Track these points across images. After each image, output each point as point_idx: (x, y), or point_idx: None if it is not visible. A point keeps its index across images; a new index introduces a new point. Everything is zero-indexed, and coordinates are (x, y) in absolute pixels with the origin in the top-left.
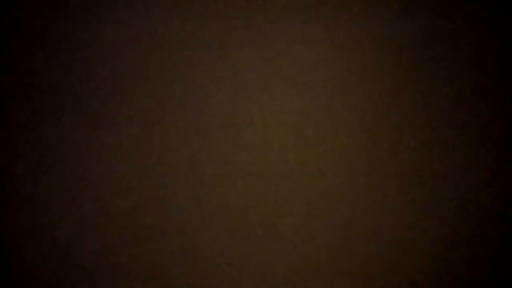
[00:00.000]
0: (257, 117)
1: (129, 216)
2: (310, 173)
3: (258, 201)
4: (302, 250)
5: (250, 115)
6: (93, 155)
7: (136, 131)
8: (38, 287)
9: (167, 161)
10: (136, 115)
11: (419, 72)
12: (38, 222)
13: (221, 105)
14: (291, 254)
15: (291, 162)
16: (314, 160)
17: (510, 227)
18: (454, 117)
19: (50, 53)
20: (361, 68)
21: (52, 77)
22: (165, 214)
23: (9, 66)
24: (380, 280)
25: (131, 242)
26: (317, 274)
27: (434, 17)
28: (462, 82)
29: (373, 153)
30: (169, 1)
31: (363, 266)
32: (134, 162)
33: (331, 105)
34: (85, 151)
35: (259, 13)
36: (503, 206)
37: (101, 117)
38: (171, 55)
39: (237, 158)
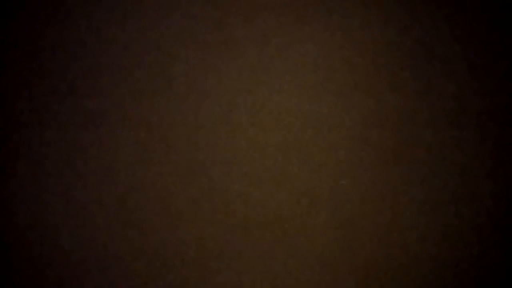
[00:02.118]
0: (257, 117)
1: (130, 215)
2: (310, 173)
3: (259, 201)
4: (303, 250)
5: (250, 115)
6: (93, 155)
7: (136, 131)
8: (38, 287)
9: (168, 161)
10: (136, 115)
11: (419, 72)
12: (38, 222)
13: (221, 105)
14: (292, 254)
15: (291, 162)
16: (314, 160)
17: (510, 227)
18: (454, 117)
19: (50, 53)
20: (361, 68)
21: (52, 77)
22: (165, 213)
23: (9, 66)
24: (380, 280)
25: (132, 242)
26: (317, 274)
27: (433, 17)
28: (462, 82)
29: (373, 153)
30: (169, 2)
31: (363, 266)
32: (134, 162)
33: (331, 105)
34: (85, 151)
35: (259, 13)
36: (503, 205)
37: (101, 117)
38: (171, 55)
39: (237, 158)
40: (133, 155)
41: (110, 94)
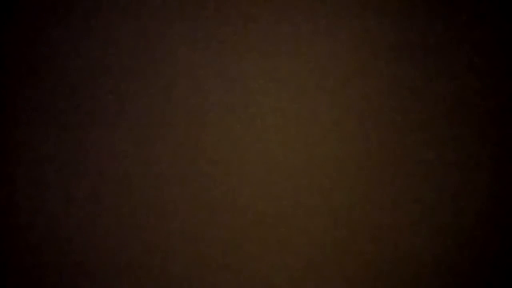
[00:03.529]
0: (257, 117)
1: (129, 216)
2: (310, 173)
3: (258, 200)
4: (303, 250)
5: (250, 116)
6: (93, 155)
7: (136, 131)
8: (38, 287)
9: (168, 161)
10: (136, 115)
11: (419, 72)
12: (38, 222)
13: (221, 105)
14: (292, 254)
15: (291, 162)
16: (314, 160)
17: (510, 227)
18: (454, 117)
19: (50, 53)
20: (361, 68)
21: (52, 77)
22: (165, 213)
23: (9, 66)
24: (380, 279)
25: (132, 242)
26: (317, 274)
27: (434, 17)
28: (462, 82)
29: (373, 153)
30: (170, 1)
31: (363, 265)
32: (134, 161)
33: (331, 105)
34: (85, 151)
35: (259, 13)
36: (503, 206)
37: (101, 117)
38: (171, 55)
39: (237, 157)
40: (133, 155)
41: (110, 94)
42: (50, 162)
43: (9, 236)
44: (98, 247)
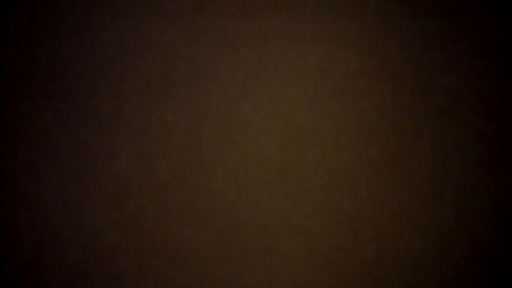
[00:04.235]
0: (257, 117)
1: (129, 216)
2: (310, 173)
3: (258, 201)
4: (303, 250)
5: (250, 116)
6: (93, 155)
7: (136, 131)
8: (38, 286)
9: (168, 161)
10: (136, 115)
11: (419, 72)
12: (38, 222)
13: (221, 105)
14: (292, 254)
15: (291, 162)
16: (314, 160)
17: (510, 227)
18: (454, 117)
19: (50, 53)
20: (361, 68)
21: (53, 78)
22: (165, 213)
23: (9, 66)
24: (380, 279)
25: (131, 242)
26: (317, 274)
27: (434, 17)
28: (462, 82)
29: (372, 153)
30: (170, 2)
31: (363, 265)
32: (134, 162)
33: (331, 105)
34: (85, 151)
35: (259, 13)
36: (503, 206)
37: (101, 117)
38: (172, 55)
39: (237, 158)
40: (133, 155)
41: (110, 94)
42: (50, 162)
43: (9, 236)
44: (98, 248)
